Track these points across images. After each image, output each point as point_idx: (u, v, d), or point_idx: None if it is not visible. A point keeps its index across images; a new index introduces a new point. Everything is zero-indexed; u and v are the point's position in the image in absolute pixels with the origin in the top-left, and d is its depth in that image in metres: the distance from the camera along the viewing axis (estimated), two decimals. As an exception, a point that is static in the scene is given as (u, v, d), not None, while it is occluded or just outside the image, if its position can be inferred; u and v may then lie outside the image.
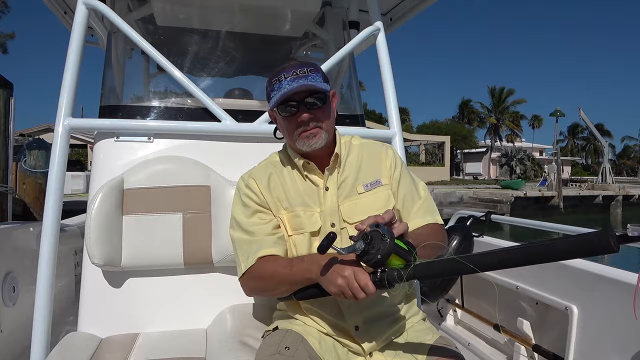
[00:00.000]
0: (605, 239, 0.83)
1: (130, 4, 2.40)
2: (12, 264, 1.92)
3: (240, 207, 1.42)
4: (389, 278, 1.08)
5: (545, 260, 0.93)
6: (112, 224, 1.68)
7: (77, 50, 1.84)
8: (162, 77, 2.65)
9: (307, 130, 1.33)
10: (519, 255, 0.95)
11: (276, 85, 1.31)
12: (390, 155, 1.48)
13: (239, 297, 1.73)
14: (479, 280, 2.48)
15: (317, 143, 1.35)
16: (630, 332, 1.59)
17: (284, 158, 1.46)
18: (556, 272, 1.94)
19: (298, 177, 1.42)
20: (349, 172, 1.42)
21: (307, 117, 1.31)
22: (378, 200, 1.39)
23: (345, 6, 2.55)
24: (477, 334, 2.56)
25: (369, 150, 1.49)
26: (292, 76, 1.29)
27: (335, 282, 1.13)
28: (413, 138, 40.76)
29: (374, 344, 1.32)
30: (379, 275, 1.09)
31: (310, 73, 1.31)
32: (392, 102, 2.14)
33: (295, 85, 1.28)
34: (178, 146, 1.90)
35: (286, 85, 1.29)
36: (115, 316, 1.72)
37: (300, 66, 1.32)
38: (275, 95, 1.31)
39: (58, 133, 1.75)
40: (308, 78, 1.30)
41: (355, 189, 1.40)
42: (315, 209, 1.38)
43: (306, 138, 1.34)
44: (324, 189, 1.39)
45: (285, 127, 1.37)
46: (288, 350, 1.22)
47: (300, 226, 1.37)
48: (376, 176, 1.43)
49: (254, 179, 1.42)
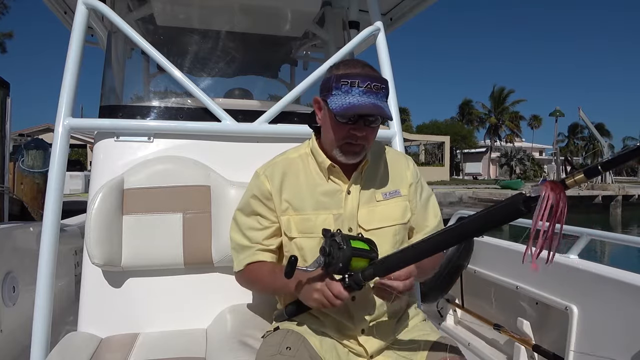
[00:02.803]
0: (515, 205, 0.96)
1: (130, 4, 2.39)
2: (12, 264, 1.92)
3: (244, 202, 1.45)
4: (355, 281, 1.15)
5: (478, 234, 1.08)
6: (112, 224, 1.68)
7: (77, 50, 1.83)
8: (162, 77, 2.65)
9: (354, 144, 1.30)
10: (456, 234, 1.09)
11: (345, 87, 1.24)
12: (411, 167, 1.48)
13: (239, 297, 1.74)
14: (478, 280, 2.48)
15: (354, 160, 1.34)
16: (630, 332, 1.59)
17: (305, 156, 1.43)
18: (556, 272, 1.94)
19: (318, 179, 1.39)
20: (370, 179, 1.41)
21: (361, 134, 1.28)
22: (396, 210, 1.40)
23: (345, 6, 2.55)
24: (477, 334, 2.56)
25: (391, 159, 1.48)
26: (366, 88, 1.24)
27: (311, 297, 1.21)
28: (413, 138, 40.79)
29: (374, 344, 1.32)
30: (347, 280, 1.16)
31: (381, 91, 1.26)
32: (392, 102, 2.14)
33: (368, 102, 1.23)
34: (178, 146, 1.90)
35: (357, 96, 1.23)
36: (115, 316, 1.71)
37: (375, 80, 1.26)
38: (339, 98, 1.24)
39: (58, 133, 1.75)
40: (378, 96, 1.25)
41: (374, 196, 1.39)
42: (330, 212, 1.36)
43: (348, 153, 1.32)
44: (347, 192, 1.37)
45: (332, 130, 1.31)
46: (289, 350, 1.21)
47: (310, 229, 1.35)
48: (396, 186, 1.42)
49: (267, 177, 1.40)
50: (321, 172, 1.39)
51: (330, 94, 1.27)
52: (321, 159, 1.38)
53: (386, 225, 1.36)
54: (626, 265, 1.93)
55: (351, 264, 1.13)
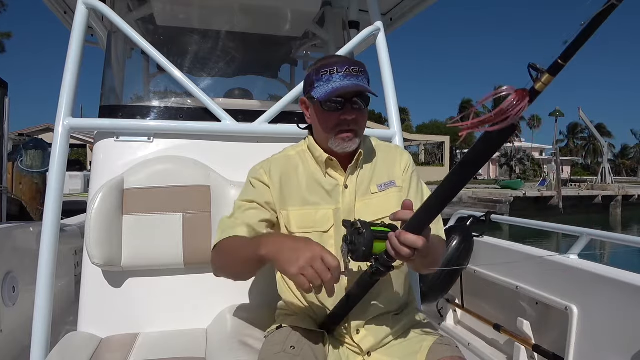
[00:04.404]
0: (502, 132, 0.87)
1: (130, 4, 2.40)
2: (12, 264, 1.92)
3: (242, 194, 1.43)
4: (382, 263, 1.13)
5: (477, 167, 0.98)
6: (112, 224, 1.68)
7: (77, 50, 1.83)
8: (162, 77, 2.65)
9: (346, 131, 1.31)
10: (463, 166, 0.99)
11: (325, 77, 1.28)
12: (405, 158, 1.48)
13: (239, 297, 1.74)
14: (478, 280, 2.49)
15: (350, 147, 1.34)
16: (630, 332, 1.59)
17: (303, 153, 1.44)
18: (556, 272, 1.94)
19: (317, 173, 1.40)
20: (365, 171, 1.42)
21: (351, 117, 1.29)
22: (390, 201, 1.39)
23: (345, 6, 2.55)
24: (477, 334, 2.56)
25: (384, 151, 1.49)
26: (345, 72, 1.27)
27: (296, 262, 1.01)
28: (413, 138, 40.80)
29: (374, 343, 1.32)
30: (374, 265, 1.15)
31: (361, 74, 1.30)
32: (392, 102, 2.14)
33: (350, 83, 1.26)
34: (178, 146, 1.90)
35: (338, 80, 1.26)
36: (115, 316, 1.71)
37: (353, 64, 1.30)
38: (322, 86, 1.28)
39: (58, 133, 1.75)
40: (359, 78, 1.28)
41: (369, 188, 1.40)
42: (329, 207, 1.36)
43: (342, 140, 1.32)
44: (344, 187, 1.38)
45: (323, 121, 1.34)
46: (293, 349, 1.21)
47: (310, 224, 1.35)
48: (390, 177, 1.43)
49: (264, 170, 1.41)
50: (319, 166, 1.40)
51: (313, 87, 1.30)
52: (318, 154, 1.39)
53: (382, 217, 1.34)
54: (626, 265, 1.93)
55: (374, 247, 1.13)
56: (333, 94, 1.26)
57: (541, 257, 2.07)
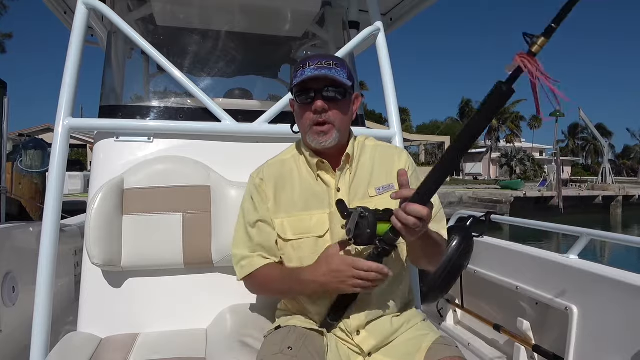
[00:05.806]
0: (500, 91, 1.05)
1: (130, 4, 2.39)
2: (12, 264, 1.91)
3: (244, 209, 1.45)
4: (387, 241, 1.17)
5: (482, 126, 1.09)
6: (112, 224, 1.68)
7: (77, 50, 1.83)
8: (162, 77, 2.65)
9: (320, 124, 1.31)
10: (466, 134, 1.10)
11: (299, 72, 1.30)
12: (403, 158, 1.46)
13: (239, 297, 1.74)
14: (478, 280, 2.49)
15: (327, 142, 1.33)
16: (630, 332, 1.59)
17: (297, 157, 1.44)
18: (556, 272, 1.94)
19: (310, 177, 1.40)
20: (361, 174, 1.40)
21: (320, 105, 1.29)
22: (389, 204, 1.39)
23: (345, 6, 2.55)
24: (477, 334, 2.56)
25: (382, 152, 1.47)
26: (316, 65, 1.29)
27: (342, 281, 1.20)
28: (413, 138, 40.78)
29: (374, 344, 1.32)
30: (379, 246, 1.19)
31: (335, 66, 1.30)
32: (392, 102, 2.14)
33: (317, 72, 1.27)
34: (178, 146, 1.90)
35: (308, 72, 1.28)
36: (115, 316, 1.71)
37: (326, 57, 1.32)
38: (295, 81, 1.31)
39: (58, 133, 1.75)
40: (332, 70, 1.29)
41: (368, 191, 1.38)
42: (324, 211, 1.36)
43: (316, 134, 1.32)
44: (336, 190, 1.37)
45: (299, 116, 1.36)
46: (291, 350, 1.21)
47: (305, 230, 1.35)
48: (389, 180, 1.40)
49: (262, 179, 1.42)
50: (311, 169, 1.40)
51: (292, 85, 1.33)
52: (310, 157, 1.39)
53: None
54: (626, 265, 1.93)
55: (377, 229, 1.16)
56: (300, 84, 1.29)
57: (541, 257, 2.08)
